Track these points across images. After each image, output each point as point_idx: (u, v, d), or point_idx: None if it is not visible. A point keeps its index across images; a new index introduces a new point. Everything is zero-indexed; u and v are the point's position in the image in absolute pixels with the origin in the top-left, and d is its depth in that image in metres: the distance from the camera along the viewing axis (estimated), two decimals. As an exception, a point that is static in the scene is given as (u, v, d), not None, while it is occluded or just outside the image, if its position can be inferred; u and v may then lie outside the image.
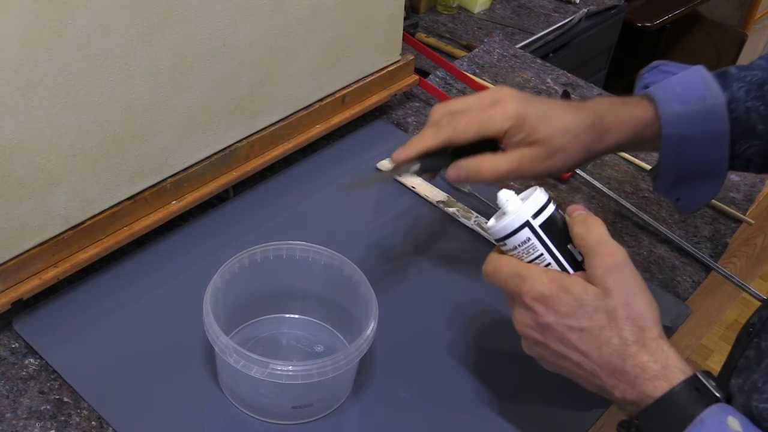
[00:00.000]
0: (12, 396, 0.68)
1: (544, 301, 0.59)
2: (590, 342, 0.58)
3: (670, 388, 0.54)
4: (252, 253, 0.72)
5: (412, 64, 1.05)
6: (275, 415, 0.69)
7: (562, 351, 0.59)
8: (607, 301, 0.57)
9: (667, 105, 0.70)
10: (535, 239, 0.60)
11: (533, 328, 0.60)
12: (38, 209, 0.70)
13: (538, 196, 0.61)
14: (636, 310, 0.57)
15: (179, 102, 0.78)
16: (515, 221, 0.60)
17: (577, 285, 0.58)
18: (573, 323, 0.58)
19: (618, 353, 0.56)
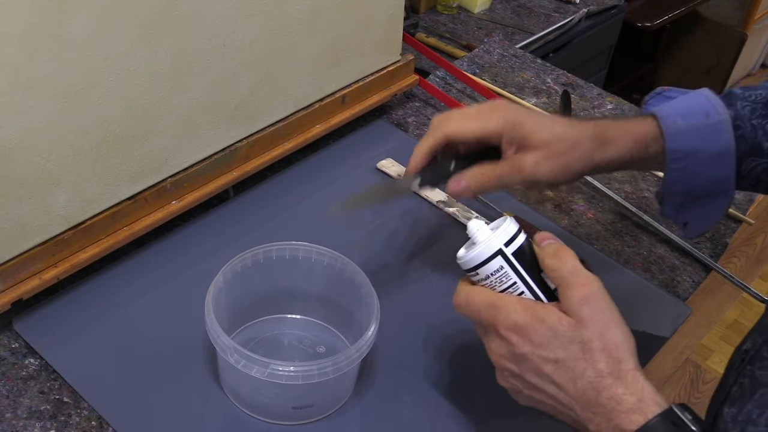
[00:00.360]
0: (12, 396, 0.68)
1: (519, 330, 0.58)
2: (565, 374, 0.56)
3: (646, 422, 0.53)
4: (254, 253, 0.72)
5: (412, 64, 1.05)
6: (276, 415, 0.69)
7: (537, 383, 0.58)
8: (581, 332, 0.56)
9: (670, 120, 0.69)
10: (508, 267, 0.60)
11: (508, 359, 0.59)
12: (38, 209, 0.70)
13: (509, 226, 0.60)
14: (611, 341, 0.56)
15: (179, 102, 0.77)
16: (487, 249, 0.60)
17: (552, 315, 0.57)
18: (548, 354, 0.57)
19: (592, 386, 0.55)
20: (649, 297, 0.86)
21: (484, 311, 0.60)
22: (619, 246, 0.93)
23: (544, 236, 0.61)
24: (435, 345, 0.78)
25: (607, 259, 0.90)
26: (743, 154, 0.69)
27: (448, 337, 0.79)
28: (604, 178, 1.02)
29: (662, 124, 0.69)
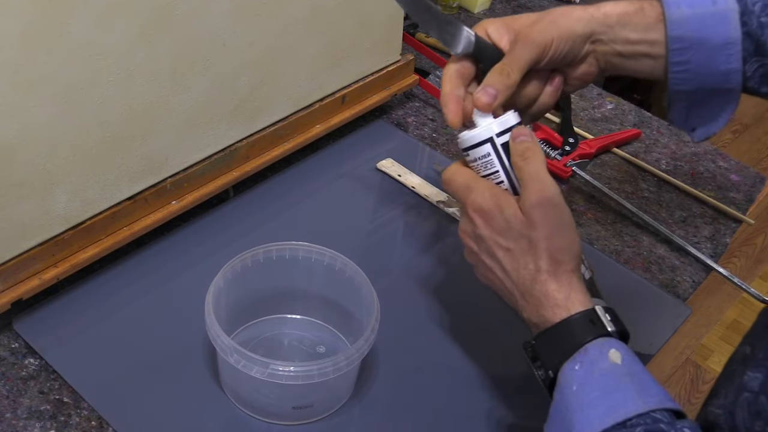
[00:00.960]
0: (12, 396, 0.68)
1: (482, 214, 0.63)
2: (512, 262, 0.62)
3: (568, 317, 0.58)
4: (254, 253, 0.72)
5: (412, 64, 1.05)
6: (276, 415, 0.69)
7: (490, 264, 0.64)
8: (530, 231, 0.60)
9: (674, 7, 0.65)
10: (494, 156, 0.63)
11: (471, 237, 0.65)
12: (38, 209, 0.70)
13: (509, 118, 0.64)
14: (555, 245, 0.60)
15: (179, 102, 0.77)
16: (480, 134, 0.63)
17: (510, 208, 0.61)
18: (501, 241, 0.62)
19: (531, 278, 0.61)
20: (649, 297, 0.86)
21: (460, 191, 0.65)
22: (619, 246, 0.93)
23: (520, 132, 0.63)
24: (435, 344, 0.78)
25: (607, 259, 0.90)
26: (747, 54, 0.66)
27: (448, 337, 0.79)
28: (605, 178, 1.03)
29: (665, 11, 0.65)
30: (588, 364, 0.56)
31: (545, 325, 0.60)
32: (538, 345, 0.60)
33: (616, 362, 0.55)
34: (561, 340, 0.58)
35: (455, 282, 0.84)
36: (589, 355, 0.56)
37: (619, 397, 0.54)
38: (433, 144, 1.03)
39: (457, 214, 0.91)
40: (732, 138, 2.82)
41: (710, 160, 1.09)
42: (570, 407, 0.55)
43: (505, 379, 0.75)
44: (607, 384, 0.55)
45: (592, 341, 0.57)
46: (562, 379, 0.57)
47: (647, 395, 0.54)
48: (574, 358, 0.57)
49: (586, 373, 0.56)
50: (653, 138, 1.12)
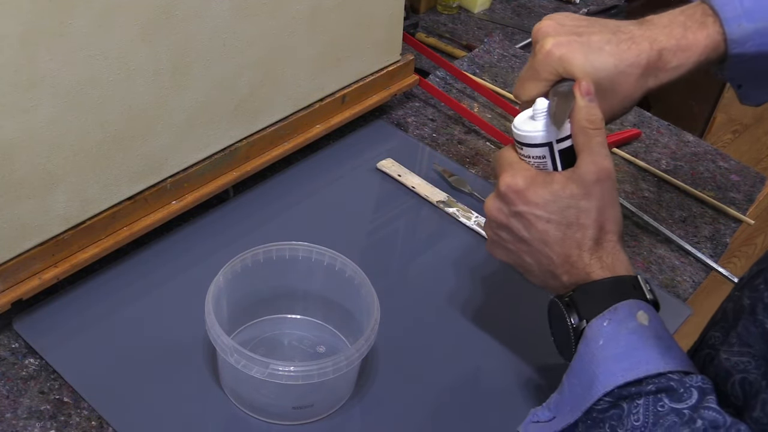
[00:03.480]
0: (12, 396, 0.68)
1: (517, 190, 0.63)
2: (555, 233, 0.62)
3: (611, 276, 0.61)
4: (254, 253, 0.72)
5: (412, 64, 1.05)
6: (276, 415, 0.69)
7: (525, 237, 0.64)
8: (582, 201, 0.61)
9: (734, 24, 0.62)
10: (549, 160, 0.63)
11: (502, 212, 0.65)
12: (38, 209, 0.70)
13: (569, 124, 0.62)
14: (605, 216, 0.62)
15: (179, 102, 0.77)
16: (539, 137, 0.62)
17: (557, 183, 0.62)
18: (542, 214, 0.62)
19: (578, 245, 0.62)
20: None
21: (500, 166, 0.66)
22: (619, 246, 0.93)
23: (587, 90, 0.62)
24: (435, 345, 0.78)
25: (607, 259, 0.90)
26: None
27: (448, 337, 0.79)
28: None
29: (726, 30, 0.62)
30: (616, 322, 0.58)
31: (587, 280, 0.61)
32: (576, 295, 0.61)
33: (643, 323, 0.57)
34: (602, 293, 0.60)
35: (455, 282, 0.84)
36: (618, 313, 0.58)
37: (643, 354, 0.56)
38: (433, 144, 1.03)
39: (457, 214, 0.91)
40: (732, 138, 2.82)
41: (710, 160, 1.09)
42: (594, 359, 0.57)
43: (505, 379, 0.75)
44: (633, 342, 0.57)
45: (623, 302, 0.59)
46: (590, 333, 0.58)
47: (669, 357, 0.56)
48: (603, 315, 0.58)
49: (613, 330, 0.58)
50: (653, 138, 1.12)
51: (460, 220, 0.91)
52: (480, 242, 0.89)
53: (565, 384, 0.60)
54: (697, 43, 0.64)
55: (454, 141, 1.04)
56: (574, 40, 0.63)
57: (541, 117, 0.62)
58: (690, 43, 0.64)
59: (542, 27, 0.65)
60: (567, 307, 0.61)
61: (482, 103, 1.12)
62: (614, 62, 0.63)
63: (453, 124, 1.07)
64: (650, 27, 0.65)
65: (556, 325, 0.63)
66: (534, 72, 0.64)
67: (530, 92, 0.65)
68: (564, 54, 0.63)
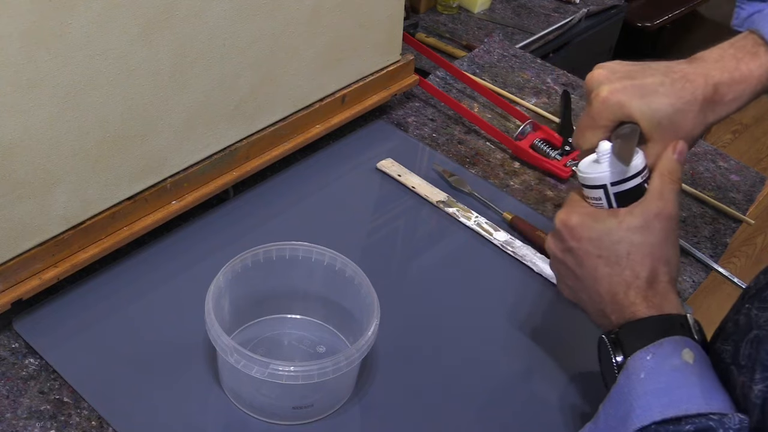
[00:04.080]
0: (12, 396, 0.68)
1: (570, 228, 0.64)
2: (604, 269, 0.62)
3: (659, 314, 0.60)
4: (255, 253, 0.72)
5: (412, 64, 1.05)
6: (276, 415, 0.69)
7: (578, 273, 0.64)
8: (637, 235, 0.61)
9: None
10: (605, 201, 0.64)
11: (558, 248, 0.66)
12: (38, 209, 0.70)
13: (630, 165, 0.63)
14: (659, 254, 0.61)
15: (179, 102, 0.77)
16: (595, 179, 0.64)
17: (612, 218, 0.62)
18: (592, 249, 0.62)
19: (626, 284, 0.61)
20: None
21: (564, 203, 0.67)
22: (619, 246, 0.93)
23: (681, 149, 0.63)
24: (435, 344, 0.78)
25: (607, 259, 0.90)
26: None
27: (448, 337, 0.79)
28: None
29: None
30: (660, 357, 0.57)
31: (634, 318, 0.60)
32: (622, 333, 0.60)
33: (688, 361, 0.56)
34: (645, 332, 0.59)
35: (455, 281, 0.84)
36: (663, 348, 0.57)
37: (684, 393, 0.55)
38: (433, 144, 1.03)
39: (457, 214, 0.91)
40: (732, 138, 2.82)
41: (710, 160, 1.09)
42: (633, 392, 0.56)
43: (505, 379, 0.75)
44: (675, 379, 0.55)
45: (670, 337, 0.58)
46: (632, 365, 0.58)
47: (711, 399, 0.54)
48: (647, 349, 0.57)
49: (656, 364, 0.57)
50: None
51: (460, 220, 0.91)
52: (479, 242, 0.89)
53: (600, 414, 0.59)
54: (751, 74, 0.64)
55: (454, 141, 1.04)
56: (628, 84, 0.64)
57: (604, 160, 0.64)
58: (744, 74, 0.64)
59: (595, 75, 0.66)
60: (613, 345, 0.60)
61: (482, 103, 1.13)
62: (671, 102, 0.64)
63: (453, 124, 1.07)
64: (701, 63, 0.66)
65: (604, 362, 0.62)
66: (592, 120, 0.65)
67: (590, 140, 0.66)
68: (621, 99, 0.64)
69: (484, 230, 0.90)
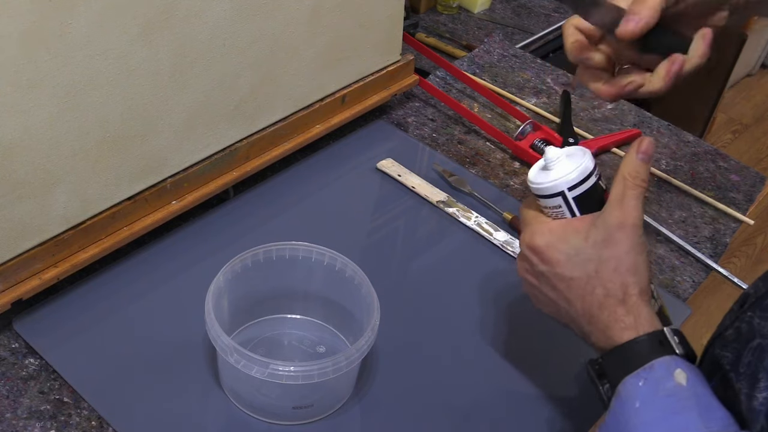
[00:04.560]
0: (12, 396, 0.68)
1: (538, 251, 0.62)
2: (576, 291, 0.61)
3: (636, 336, 0.58)
4: (254, 253, 0.72)
5: (412, 64, 1.05)
6: (276, 415, 0.69)
7: (552, 297, 0.63)
8: (603, 251, 0.60)
9: None
10: (565, 208, 0.62)
11: (529, 272, 0.65)
12: (38, 209, 0.70)
13: (582, 167, 0.62)
14: (626, 265, 0.59)
15: (179, 102, 0.77)
16: (551, 188, 0.62)
17: (578, 234, 0.61)
18: (563, 272, 0.61)
19: (598, 303, 0.60)
20: (649, 297, 0.86)
21: (521, 223, 0.66)
22: (619, 246, 0.93)
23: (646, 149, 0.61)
24: (435, 344, 0.78)
25: (607, 259, 0.90)
26: None
27: (448, 337, 0.79)
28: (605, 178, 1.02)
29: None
30: (653, 382, 0.55)
31: (613, 345, 0.59)
32: (605, 362, 0.59)
33: (681, 383, 0.55)
34: (629, 358, 0.57)
35: (455, 281, 0.84)
36: (654, 372, 0.56)
37: (682, 419, 0.53)
38: (433, 144, 1.03)
39: (457, 214, 0.91)
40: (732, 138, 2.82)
41: (710, 160, 1.09)
42: (630, 423, 0.54)
43: (505, 379, 0.75)
44: (670, 405, 0.54)
45: (659, 359, 0.56)
46: (624, 392, 0.56)
47: (710, 419, 0.53)
48: (638, 374, 0.56)
49: (650, 391, 0.55)
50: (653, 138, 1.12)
51: (460, 220, 0.91)
52: (479, 242, 0.89)
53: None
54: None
55: (454, 141, 1.04)
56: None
57: (552, 166, 0.62)
58: None
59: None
60: (599, 377, 0.60)
61: (482, 103, 1.12)
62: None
63: (453, 124, 1.07)
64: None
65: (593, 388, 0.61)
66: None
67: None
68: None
69: (484, 230, 0.90)
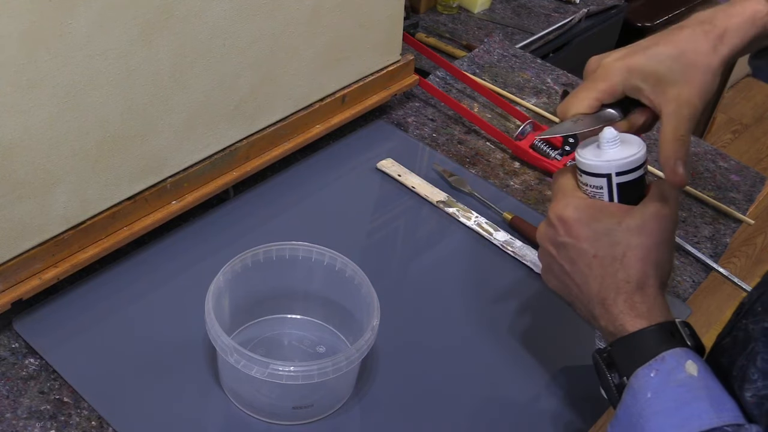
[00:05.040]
0: (12, 396, 0.68)
1: (565, 223, 0.62)
2: (597, 270, 0.61)
3: (648, 326, 0.58)
4: (254, 253, 0.72)
5: (412, 64, 1.05)
6: (276, 415, 0.69)
7: (569, 270, 0.63)
8: (634, 238, 0.59)
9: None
10: (606, 191, 0.62)
11: (550, 241, 0.64)
12: (38, 209, 0.70)
13: (637, 156, 0.61)
14: (653, 257, 0.60)
15: (179, 102, 0.77)
16: (601, 167, 0.61)
17: (613, 217, 0.60)
18: (588, 249, 0.61)
19: (616, 287, 0.60)
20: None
21: (555, 191, 0.65)
22: (619, 246, 0.93)
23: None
24: (435, 344, 0.78)
25: (607, 259, 0.90)
26: None
27: (448, 337, 0.79)
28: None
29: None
30: (664, 373, 0.55)
31: (622, 334, 0.59)
32: (614, 351, 0.59)
33: (692, 374, 0.55)
34: (639, 348, 0.58)
35: (455, 281, 0.84)
36: (666, 363, 0.56)
37: (694, 409, 0.53)
38: (433, 144, 1.03)
39: (457, 214, 0.91)
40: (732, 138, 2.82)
41: (710, 160, 1.09)
42: (643, 413, 0.55)
43: (505, 379, 0.75)
44: (682, 395, 0.54)
45: (670, 350, 0.56)
46: (636, 384, 0.56)
47: (722, 409, 0.53)
48: (649, 365, 0.56)
49: (661, 381, 0.55)
50: (653, 138, 1.12)
51: (460, 220, 0.91)
52: (479, 242, 0.89)
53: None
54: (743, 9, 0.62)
55: (454, 141, 1.04)
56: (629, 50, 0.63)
57: (607, 147, 0.61)
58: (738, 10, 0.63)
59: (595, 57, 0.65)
60: (608, 367, 0.59)
61: (482, 103, 1.13)
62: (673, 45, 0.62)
63: (453, 124, 1.07)
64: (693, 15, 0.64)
65: (602, 380, 0.61)
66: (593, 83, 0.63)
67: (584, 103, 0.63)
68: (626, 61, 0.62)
69: (484, 230, 0.90)
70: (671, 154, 0.60)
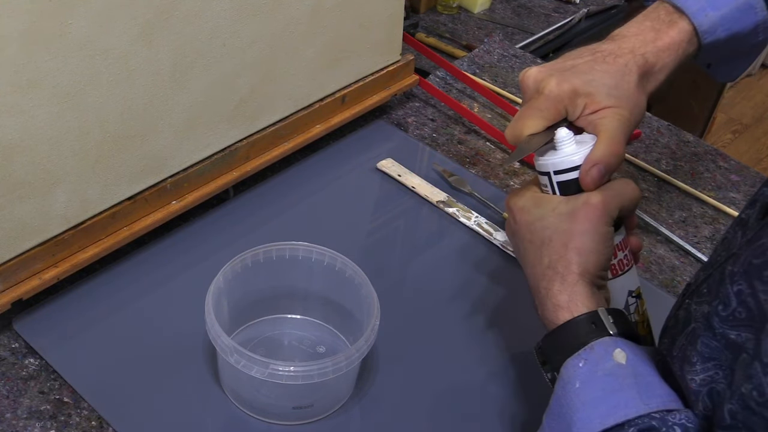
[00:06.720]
0: (12, 396, 0.68)
1: (513, 211, 0.65)
2: (530, 255, 0.63)
3: (570, 318, 0.58)
4: (255, 253, 0.72)
5: (412, 64, 1.05)
6: (276, 415, 0.69)
7: (518, 256, 0.65)
8: (563, 223, 0.61)
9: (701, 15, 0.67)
10: (550, 188, 0.64)
11: (509, 229, 0.67)
12: (38, 209, 0.70)
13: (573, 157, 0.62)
14: (577, 243, 0.60)
15: (179, 102, 0.77)
16: (540, 166, 0.64)
17: (550, 203, 0.62)
18: (525, 235, 0.63)
19: (542, 274, 0.61)
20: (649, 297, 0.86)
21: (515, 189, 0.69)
22: (619, 246, 0.93)
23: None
24: (435, 344, 0.78)
25: (607, 259, 0.90)
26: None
27: (448, 337, 0.79)
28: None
29: (695, 24, 0.67)
30: (592, 363, 0.56)
31: (551, 326, 0.60)
32: (545, 347, 0.60)
33: (620, 362, 0.55)
34: (564, 342, 0.58)
35: (455, 282, 0.84)
36: (594, 353, 0.56)
37: (621, 397, 0.54)
38: (433, 144, 1.03)
39: (457, 214, 0.91)
40: (732, 138, 2.82)
41: (710, 160, 1.09)
42: (571, 404, 0.55)
43: (505, 379, 0.75)
44: (609, 384, 0.55)
45: (599, 339, 0.57)
46: (565, 374, 0.57)
47: (650, 397, 0.53)
48: (578, 355, 0.56)
49: (589, 371, 0.56)
50: (653, 138, 1.12)
51: (460, 220, 0.91)
52: (479, 242, 0.89)
53: (545, 426, 0.58)
54: (672, 41, 0.67)
55: (454, 141, 1.04)
56: (568, 73, 0.65)
57: (559, 147, 0.63)
58: (666, 43, 0.67)
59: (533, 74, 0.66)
60: (542, 365, 0.60)
61: (482, 103, 1.13)
62: (609, 75, 0.65)
63: (453, 124, 1.07)
64: (623, 40, 0.67)
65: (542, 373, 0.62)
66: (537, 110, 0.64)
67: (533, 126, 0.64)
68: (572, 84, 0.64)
69: (484, 230, 0.90)
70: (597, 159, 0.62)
